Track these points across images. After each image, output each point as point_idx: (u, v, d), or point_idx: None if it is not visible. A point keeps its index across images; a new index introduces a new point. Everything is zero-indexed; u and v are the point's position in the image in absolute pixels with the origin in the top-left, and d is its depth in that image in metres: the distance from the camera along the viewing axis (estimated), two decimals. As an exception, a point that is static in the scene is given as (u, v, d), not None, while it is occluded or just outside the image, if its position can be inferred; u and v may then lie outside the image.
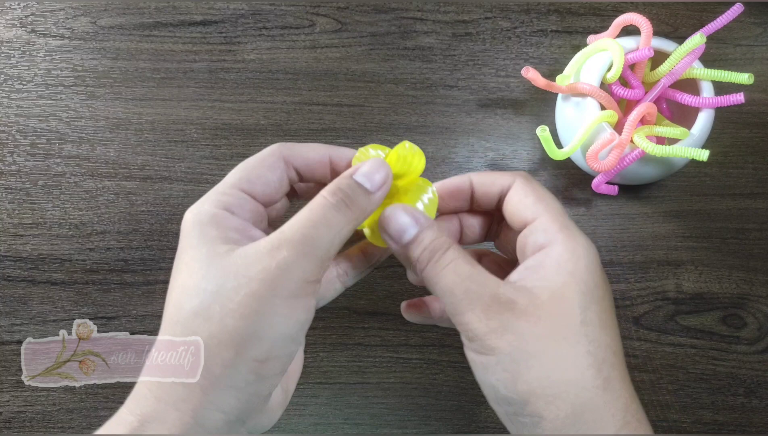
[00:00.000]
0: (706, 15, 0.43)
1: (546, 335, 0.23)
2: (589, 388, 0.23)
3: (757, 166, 0.41)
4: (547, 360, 0.23)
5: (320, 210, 0.24)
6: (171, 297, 0.25)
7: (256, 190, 0.27)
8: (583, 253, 0.25)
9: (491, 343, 0.23)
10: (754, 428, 0.38)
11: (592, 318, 0.24)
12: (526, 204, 0.27)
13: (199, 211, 0.25)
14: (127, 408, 0.23)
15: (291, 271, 0.23)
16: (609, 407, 0.23)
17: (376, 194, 0.26)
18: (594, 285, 0.24)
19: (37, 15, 0.41)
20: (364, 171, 0.26)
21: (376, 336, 0.38)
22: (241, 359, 0.23)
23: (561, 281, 0.24)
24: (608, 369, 0.23)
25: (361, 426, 0.37)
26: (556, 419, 0.22)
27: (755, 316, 0.39)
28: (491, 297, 0.24)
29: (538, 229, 0.26)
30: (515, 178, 0.28)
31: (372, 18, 0.42)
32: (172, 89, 0.40)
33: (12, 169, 0.39)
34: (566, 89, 0.38)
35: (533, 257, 0.25)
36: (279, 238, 0.24)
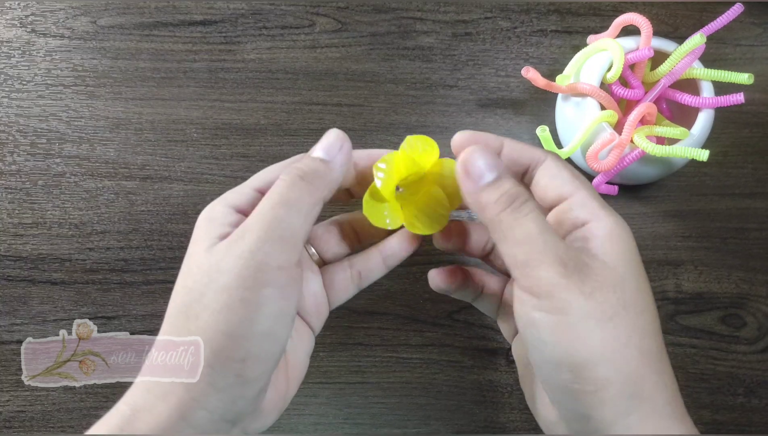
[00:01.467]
0: (706, 15, 0.43)
1: (617, 301, 0.23)
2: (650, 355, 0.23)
3: (757, 166, 0.41)
4: (613, 326, 0.23)
5: (276, 190, 0.24)
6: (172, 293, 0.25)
7: None
8: (627, 232, 0.25)
9: (564, 299, 0.23)
10: (754, 428, 0.38)
11: (649, 292, 0.24)
12: (562, 179, 0.26)
13: (211, 209, 0.26)
14: (123, 400, 0.24)
15: (256, 258, 0.23)
16: (663, 374, 0.23)
17: (334, 161, 0.26)
18: (640, 264, 0.25)
19: (37, 15, 0.41)
20: (320, 146, 0.26)
21: (376, 336, 0.38)
22: (218, 359, 0.22)
23: (621, 251, 0.24)
24: (661, 338, 0.24)
25: (361, 426, 0.37)
26: (619, 382, 0.22)
27: (755, 316, 0.39)
28: (568, 253, 0.23)
29: (577, 204, 0.25)
30: (547, 155, 0.27)
31: (372, 18, 0.42)
32: (172, 89, 0.40)
33: (12, 169, 0.39)
34: (566, 89, 0.38)
35: (581, 229, 0.25)
36: (243, 226, 0.24)
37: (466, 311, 0.39)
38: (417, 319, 0.38)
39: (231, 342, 0.22)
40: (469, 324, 0.39)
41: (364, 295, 0.38)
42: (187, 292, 0.24)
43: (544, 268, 0.23)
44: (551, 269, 0.23)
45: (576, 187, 0.26)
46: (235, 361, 0.22)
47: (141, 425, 0.22)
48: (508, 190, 0.24)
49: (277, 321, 0.23)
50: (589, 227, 0.25)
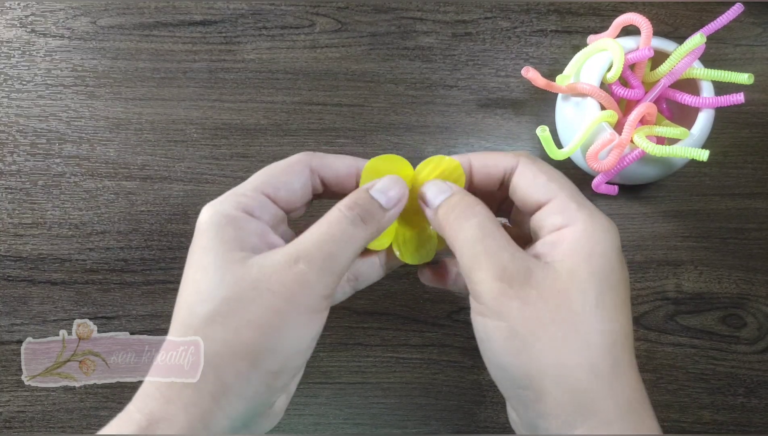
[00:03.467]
0: (706, 15, 0.43)
1: (558, 311, 0.23)
2: (598, 369, 0.22)
3: (757, 166, 0.41)
4: (556, 336, 0.22)
5: (338, 225, 0.24)
6: (182, 298, 0.24)
7: (279, 196, 0.26)
8: (603, 234, 0.24)
9: (500, 307, 0.23)
10: (754, 428, 0.38)
11: (606, 301, 0.23)
12: (537, 185, 0.26)
13: (217, 211, 0.25)
14: (135, 406, 0.23)
15: (309, 286, 0.23)
16: (615, 389, 0.22)
17: (392, 211, 0.26)
18: (611, 269, 0.24)
19: (37, 15, 0.41)
20: (380, 187, 0.26)
21: (376, 336, 0.38)
22: (256, 371, 0.23)
23: (579, 261, 0.23)
24: (619, 351, 0.23)
25: (361, 426, 0.37)
26: (561, 397, 0.22)
27: (755, 316, 0.39)
28: (510, 259, 0.23)
29: (554, 210, 0.25)
30: (519, 159, 0.27)
31: (372, 18, 0.42)
32: (172, 89, 0.40)
33: (12, 169, 0.39)
34: (566, 89, 0.38)
35: (552, 235, 0.25)
36: (297, 251, 0.24)
37: (466, 312, 0.38)
38: (417, 319, 0.38)
39: (270, 357, 0.23)
40: (469, 324, 0.38)
41: (364, 295, 0.38)
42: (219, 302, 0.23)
43: (482, 273, 0.23)
44: (488, 274, 0.23)
45: (552, 191, 0.25)
46: (269, 373, 0.23)
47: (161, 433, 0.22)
48: (458, 203, 0.25)
49: (312, 341, 0.25)
50: (561, 232, 0.25)
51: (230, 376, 0.22)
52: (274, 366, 0.23)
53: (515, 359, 0.23)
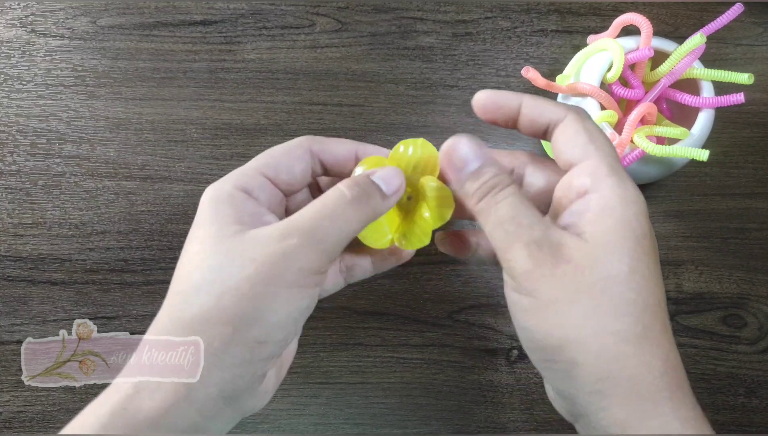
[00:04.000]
0: (706, 15, 0.43)
1: (590, 282, 0.22)
2: (628, 337, 0.22)
3: (758, 166, 0.41)
4: (587, 306, 0.22)
5: (334, 202, 0.25)
6: (178, 269, 0.25)
7: (279, 178, 0.27)
8: (634, 199, 0.24)
9: (532, 283, 0.23)
10: (755, 428, 0.38)
11: (638, 267, 0.23)
12: (576, 143, 0.25)
13: (218, 190, 0.26)
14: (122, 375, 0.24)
15: (297, 259, 0.23)
16: (646, 356, 0.22)
17: (390, 199, 0.26)
18: (642, 235, 0.23)
19: (37, 15, 0.41)
20: (381, 174, 0.26)
21: (377, 336, 0.38)
22: (238, 337, 0.23)
23: (609, 227, 0.23)
24: (650, 318, 0.23)
25: (362, 426, 0.37)
26: (591, 365, 0.22)
27: (756, 316, 0.39)
28: (541, 236, 0.23)
29: (585, 171, 0.25)
30: (567, 113, 0.26)
31: (372, 18, 0.42)
32: (172, 89, 0.40)
33: (12, 169, 0.39)
34: (566, 89, 0.38)
35: (578, 203, 0.24)
36: (289, 225, 0.24)
37: (467, 312, 0.39)
38: (417, 319, 0.38)
39: (253, 325, 0.23)
40: (469, 324, 0.39)
41: (364, 295, 0.38)
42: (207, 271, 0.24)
43: (515, 251, 0.24)
44: (521, 252, 0.23)
45: (587, 152, 0.25)
46: (251, 342, 0.23)
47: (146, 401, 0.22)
48: (488, 180, 0.25)
49: (297, 315, 0.24)
50: (587, 198, 0.24)
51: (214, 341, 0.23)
52: (257, 335, 0.23)
53: (547, 332, 0.23)
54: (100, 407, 0.23)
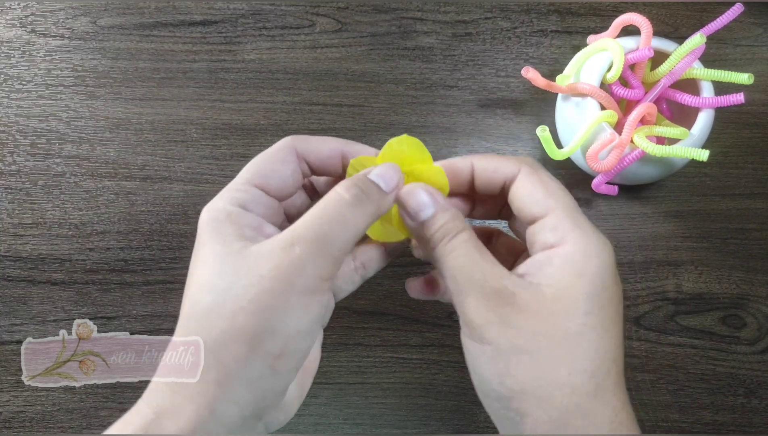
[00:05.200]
0: (706, 15, 0.43)
1: (543, 334, 0.23)
2: (579, 393, 0.22)
3: (757, 167, 0.41)
4: (540, 359, 0.23)
5: (335, 206, 0.24)
6: (187, 293, 0.25)
7: (270, 185, 0.27)
8: (595, 253, 0.24)
9: (486, 333, 0.23)
10: (754, 429, 0.38)
11: (594, 323, 0.23)
12: (534, 198, 0.26)
13: (214, 209, 0.25)
14: (144, 401, 0.23)
15: (305, 268, 0.23)
16: (597, 413, 0.22)
17: (391, 195, 0.26)
18: (602, 288, 0.24)
19: (37, 15, 0.41)
20: (379, 172, 0.26)
21: (376, 336, 0.38)
22: (256, 354, 0.23)
23: (567, 281, 0.23)
24: (603, 376, 0.23)
25: (361, 426, 0.37)
26: (540, 419, 0.22)
27: (755, 316, 0.39)
28: (493, 287, 0.24)
29: (547, 226, 0.25)
30: (521, 167, 0.27)
31: (372, 18, 0.42)
32: (172, 89, 0.40)
33: (12, 169, 0.39)
34: (566, 89, 0.38)
35: (542, 254, 0.25)
36: (292, 235, 0.24)
37: (466, 311, 0.39)
38: (417, 319, 0.38)
39: (270, 339, 0.23)
40: (469, 324, 0.39)
41: (364, 295, 0.38)
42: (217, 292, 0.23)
43: (467, 302, 0.24)
44: (474, 301, 0.24)
45: (548, 207, 0.25)
46: (271, 356, 0.23)
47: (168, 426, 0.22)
48: (443, 225, 0.25)
49: (313, 322, 0.24)
50: (551, 251, 0.25)
51: (230, 360, 0.22)
52: (275, 348, 0.23)
53: (499, 380, 0.23)
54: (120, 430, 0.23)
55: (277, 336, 0.23)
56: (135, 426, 0.22)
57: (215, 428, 0.22)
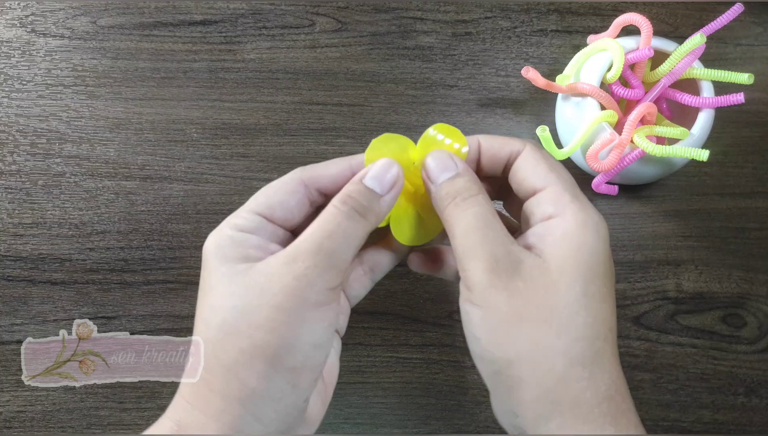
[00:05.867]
0: (706, 15, 0.43)
1: (544, 302, 0.23)
2: (578, 360, 0.23)
3: (758, 166, 0.41)
4: (540, 327, 0.23)
5: (332, 220, 0.25)
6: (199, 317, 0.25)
7: (275, 215, 0.27)
8: (593, 226, 0.24)
9: (489, 297, 0.23)
10: (755, 428, 0.38)
11: (594, 292, 0.24)
12: (537, 171, 0.26)
13: (218, 236, 0.26)
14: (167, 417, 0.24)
15: (311, 281, 0.24)
16: (595, 379, 0.23)
17: (387, 196, 0.26)
18: (600, 260, 0.24)
19: (37, 15, 0.41)
20: (374, 173, 0.26)
21: (376, 336, 0.38)
22: (276, 370, 0.23)
23: (569, 251, 0.24)
24: (601, 342, 0.23)
25: (361, 426, 0.37)
26: (537, 384, 0.23)
27: (755, 315, 0.39)
28: (502, 250, 0.24)
29: (547, 198, 0.25)
30: (525, 145, 0.27)
31: (372, 18, 0.42)
32: (172, 89, 0.40)
33: (12, 169, 0.39)
34: (566, 89, 0.38)
35: (541, 225, 0.25)
36: (295, 251, 0.24)
37: (467, 311, 0.39)
38: (417, 319, 0.38)
39: (287, 354, 0.23)
40: (469, 324, 0.39)
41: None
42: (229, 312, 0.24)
43: (474, 262, 0.24)
44: (480, 264, 0.24)
45: (549, 181, 0.26)
46: (290, 370, 0.23)
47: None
48: (461, 186, 0.26)
49: (324, 333, 0.25)
50: (550, 222, 0.25)
51: (252, 379, 0.23)
52: (294, 363, 0.23)
53: (497, 346, 0.23)
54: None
55: (294, 350, 0.23)
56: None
57: None
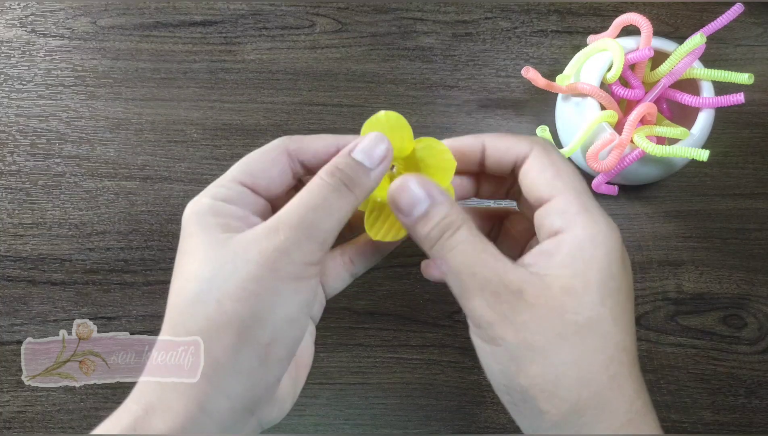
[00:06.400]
0: (706, 15, 0.43)
1: (553, 329, 0.22)
2: (594, 385, 0.22)
3: (758, 167, 0.41)
4: (551, 355, 0.22)
5: (318, 192, 0.24)
6: (173, 285, 0.25)
7: (257, 184, 0.26)
8: (603, 240, 0.23)
9: (496, 332, 0.23)
10: (755, 429, 0.38)
11: (604, 313, 0.23)
12: (543, 180, 0.25)
13: (198, 203, 0.25)
14: (131, 398, 0.23)
15: (290, 253, 0.23)
16: (612, 404, 0.22)
17: (376, 170, 0.25)
18: (611, 276, 0.23)
19: (37, 15, 0.41)
20: (363, 147, 0.25)
21: (377, 337, 0.38)
22: (244, 343, 0.22)
23: (575, 270, 0.23)
24: (616, 366, 0.22)
25: (362, 427, 0.37)
26: (557, 414, 0.22)
27: (756, 316, 0.39)
28: (499, 284, 0.23)
29: (554, 210, 0.24)
30: (533, 147, 0.26)
31: (372, 18, 0.42)
32: (172, 89, 0.40)
33: (12, 169, 0.39)
34: (566, 89, 0.38)
35: (549, 241, 0.24)
36: (276, 221, 0.23)
37: (467, 312, 0.39)
38: (417, 320, 0.38)
39: (258, 327, 0.23)
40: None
41: (364, 295, 0.38)
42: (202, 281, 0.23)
43: (473, 302, 0.23)
44: (480, 300, 0.23)
45: (556, 189, 0.24)
46: (260, 344, 0.23)
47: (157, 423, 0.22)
48: (439, 222, 0.24)
49: (301, 309, 0.24)
50: (558, 238, 0.24)
51: (219, 351, 0.22)
52: (264, 337, 0.23)
53: (512, 378, 0.23)
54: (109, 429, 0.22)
55: (266, 323, 0.23)
56: (124, 425, 0.22)
57: (206, 423, 0.22)
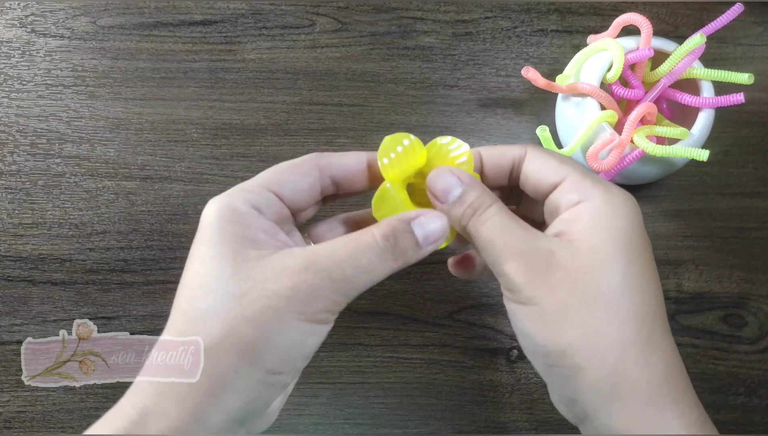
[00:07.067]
0: (706, 14, 0.43)
1: (585, 290, 0.23)
2: (630, 343, 0.22)
3: (758, 166, 0.41)
4: (587, 314, 0.23)
5: (366, 250, 0.24)
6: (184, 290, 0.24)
7: (284, 194, 0.26)
8: (622, 204, 0.24)
9: (530, 293, 0.23)
10: (755, 428, 0.38)
11: (634, 271, 0.23)
12: (549, 168, 0.26)
13: (225, 206, 0.24)
14: (127, 400, 0.23)
15: (317, 299, 0.23)
16: (651, 360, 0.23)
17: (426, 249, 0.25)
18: (636, 237, 0.24)
19: (37, 15, 0.41)
20: (422, 221, 0.25)
21: (377, 336, 0.38)
22: (251, 366, 0.23)
23: (599, 234, 0.24)
24: (650, 323, 0.23)
25: (362, 426, 0.37)
26: (595, 370, 0.22)
27: (756, 315, 0.39)
28: (531, 248, 0.24)
29: (569, 188, 0.25)
30: (527, 147, 0.27)
31: (372, 18, 0.42)
32: (172, 89, 0.40)
33: (12, 169, 0.39)
34: (566, 89, 0.38)
35: (569, 212, 0.25)
36: (313, 260, 0.23)
37: (467, 311, 0.39)
38: (417, 319, 0.38)
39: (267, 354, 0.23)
40: (469, 324, 0.39)
41: (365, 295, 0.38)
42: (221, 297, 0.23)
43: (507, 266, 0.24)
44: (514, 265, 0.24)
45: (565, 172, 0.25)
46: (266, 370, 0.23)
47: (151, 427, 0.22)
48: (473, 202, 0.25)
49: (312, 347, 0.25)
50: (578, 207, 0.25)
51: (225, 367, 0.22)
52: (271, 365, 0.23)
53: (549, 340, 0.23)
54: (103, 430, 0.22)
55: (276, 352, 0.23)
56: (117, 426, 0.22)
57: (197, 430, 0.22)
